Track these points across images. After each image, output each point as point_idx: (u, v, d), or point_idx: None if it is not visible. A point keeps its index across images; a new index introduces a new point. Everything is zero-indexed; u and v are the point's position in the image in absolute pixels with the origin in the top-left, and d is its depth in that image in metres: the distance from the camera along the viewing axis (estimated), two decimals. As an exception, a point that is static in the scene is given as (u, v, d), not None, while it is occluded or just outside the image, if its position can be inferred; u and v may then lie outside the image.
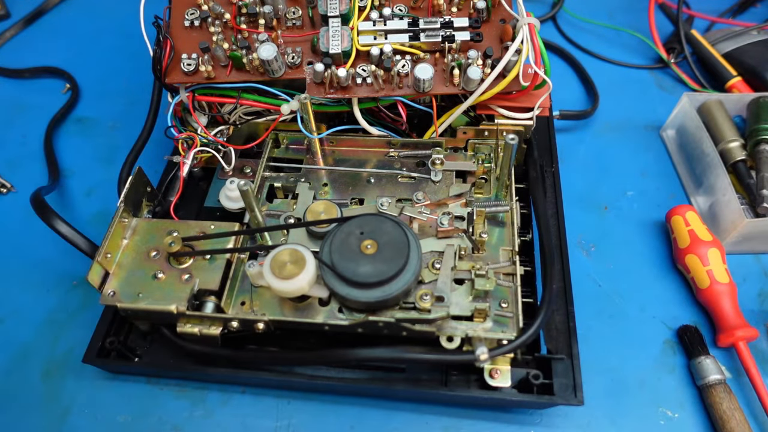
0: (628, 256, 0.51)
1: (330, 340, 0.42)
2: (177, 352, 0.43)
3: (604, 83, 0.65)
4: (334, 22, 0.44)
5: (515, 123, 0.47)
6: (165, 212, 0.47)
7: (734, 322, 0.44)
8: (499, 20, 0.46)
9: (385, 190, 0.45)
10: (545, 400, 0.38)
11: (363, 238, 0.38)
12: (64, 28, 0.76)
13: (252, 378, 0.42)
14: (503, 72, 0.43)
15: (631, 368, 0.44)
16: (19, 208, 0.56)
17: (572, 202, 0.54)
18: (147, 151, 0.50)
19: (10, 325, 0.48)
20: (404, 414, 0.42)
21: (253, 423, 0.42)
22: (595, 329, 0.46)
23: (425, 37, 0.44)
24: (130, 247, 0.42)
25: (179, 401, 0.43)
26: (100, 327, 0.42)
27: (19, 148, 0.62)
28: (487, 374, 0.39)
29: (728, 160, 0.53)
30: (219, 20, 0.46)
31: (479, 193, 0.46)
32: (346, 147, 0.49)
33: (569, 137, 0.61)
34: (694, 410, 0.42)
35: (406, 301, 0.38)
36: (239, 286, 0.41)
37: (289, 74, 0.45)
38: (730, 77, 0.63)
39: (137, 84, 0.68)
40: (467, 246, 0.41)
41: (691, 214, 0.49)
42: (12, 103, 0.67)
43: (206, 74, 0.45)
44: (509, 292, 0.39)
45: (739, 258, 0.50)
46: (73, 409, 0.43)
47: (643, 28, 0.71)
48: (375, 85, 0.44)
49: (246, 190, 0.37)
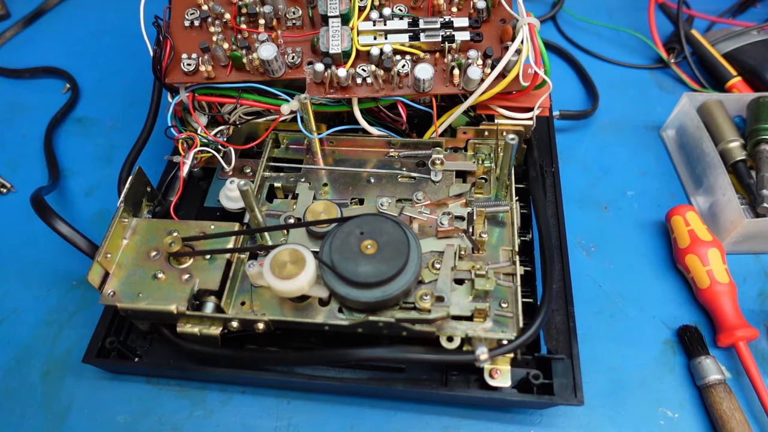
0: (628, 256, 0.51)
1: (330, 340, 0.42)
2: (177, 352, 0.43)
3: (604, 83, 0.65)
4: (334, 22, 0.44)
5: (515, 123, 0.47)
6: (165, 212, 0.47)
7: (734, 322, 0.44)
8: (499, 20, 0.46)
9: (385, 190, 0.45)
10: (545, 400, 0.38)
11: (363, 238, 0.38)
12: (64, 28, 0.76)
13: (252, 378, 0.42)
14: (503, 72, 0.43)
15: (631, 368, 0.44)
16: (19, 208, 0.56)
17: (572, 202, 0.54)
18: (147, 151, 0.50)
19: (10, 325, 0.48)
20: (404, 414, 0.42)
21: (253, 423, 0.42)
22: (595, 329, 0.46)
23: (425, 37, 0.44)
24: (130, 247, 0.42)
25: (179, 401, 0.43)
26: (100, 327, 0.43)
27: (19, 148, 0.62)
28: (487, 374, 0.39)
29: (728, 160, 0.53)
30: (219, 20, 0.46)
31: (479, 193, 0.46)
32: (346, 147, 0.49)
33: (569, 137, 0.61)
34: (694, 410, 0.42)
35: (406, 301, 0.38)
36: (239, 286, 0.41)
37: (289, 74, 0.45)
38: (730, 77, 0.63)
39: (137, 84, 0.68)
40: (467, 246, 0.41)
41: (691, 214, 0.49)
42: (12, 103, 0.67)
43: (206, 74, 0.45)
44: (509, 292, 0.39)
45: (739, 258, 0.50)
46: (73, 409, 0.43)
47: (643, 28, 0.71)
48: (375, 85, 0.44)
49: (246, 190, 0.37)
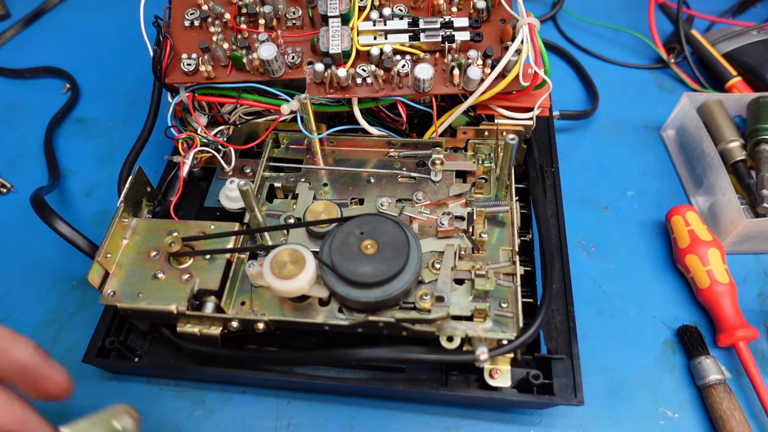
0: (628, 256, 0.51)
1: (330, 340, 0.42)
2: (177, 352, 0.43)
3: (604, 83, 0.65)
4: (334, 22, 0.44)
5: (515, 123, 0.47)
6: (165, 212, 0.47)
7: (734, 322, 0.44)
8: (499, 20, 0.46)
9: (385, 190, 0.45)
10: (545, 400, 0.38)
11: (363, 238, 0.38)
12: (64, 28, 0.76)
13: (252, 378, 0.42)
14: (503, 72, 0.43)
15: (631, 368, 0.44)
16: (19, 208, 0.56)
17: (572, 202, 0.54)
18: (147, 151, 0.50)
19: (10, 325, 0.47)
20: (404, 414, 0.42)
21: (253, 423, 0.42)
22: (595, 329, 0.46)
23: (425, 37, 0.44)
24: (130, 247, 0.42)
25: (179, 401, 0.43)
26: (100, 327, 0.42)
27: (19, 148, 0.62)
28: (487, 374, 0.39)
29: (728, 160, 0.53)
30: (219, 20, 0.46)
31: (479, 193, 0.46)
32: (346, 147, 0.49)
33: (569, 137, 0.61)
34: (694, 410, 0.42)
35: (406, 301, 0.38)
36: (239, 286, 0.41)
37: (289, 74, 0.45)
38: (730, 77, 0.63)
39: (137, 84, 0.68)
40: (467, 246, 0.41)
41: (691, 214, 0.49)
42: (12, 103, 0.67)
43: (206, 74, 0.45)
44: (509, 292, 0.39)
45: (739, 258, 0.50)
46: (73, 409, 0.43)
47: (643, 28, 0.71)
48: (375, 85, 0.44)
49: (246, 190, 0.37)
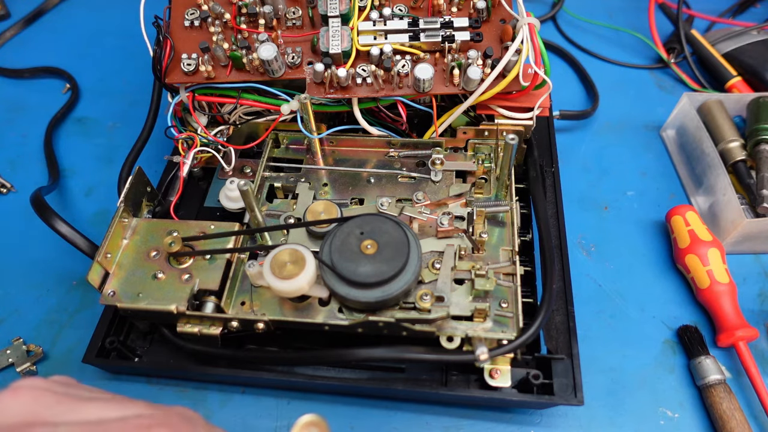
0: (628, 256, 0.51)
1: (330, 340, 0.42)
2: (177, 352, 0.43)
3: (604, 83, 0.65)
4: (334, 22, 0.44)
5: (515, 123, 0.47)
6: (165, 212, 0.47)
7: (734, 322, 0.44)
8: (499, 20, 0.46)
9: (385, 190, 0.45)
10: (545, 400, 0.38)
11: (363, 238, 0.38)
12: (64, 28, 0.76)
13: (252, 378, 0.42)
14: (503, 72, 0.43)
15: (631, 368, 0.44)
16: (19, 208, 0.56)
17: (572, 202, 0.54)
18: (147, 151, 0.50)
19: (10, 325, 0.48)
20: (404, 414, 0.42)
21: (253, 423, 0.42)
22: (595, 329, 0.46)
23: (425, 37, 0.44)
24: (130, 247, 0.42)
25: (179, 401, 0.43)
26: (100, 327, 0.42)
27: (19, 148, 0.62)
28: (487, 374, 0.39)
29: (728, 160, 0.53)
30: (219, 20, 0.46)
31: (479, 193, 0.46)
32: (346, 147, 0.49)
33: (569, 137, 0.61)
34: (694, 410, 0.42)
35: (406, 301, 0.38)
36: (239, 286, 0.41)
37: (289, 74, 0.45)
38: (730, 77, 0.63)
39: (137, 84, 0.68)
40: (467, 246, 0.41)
41: (691, 214, 0.49)
42: (12, 103, 0.67)
43: (206, 74, 0.45)
44: (509, 292, 0.39)
45: (739, 258, 0.50)
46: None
47: (643, 28, 0.71)
48: (375, 85, 0.44)
49: (246, 190, 0.37)
